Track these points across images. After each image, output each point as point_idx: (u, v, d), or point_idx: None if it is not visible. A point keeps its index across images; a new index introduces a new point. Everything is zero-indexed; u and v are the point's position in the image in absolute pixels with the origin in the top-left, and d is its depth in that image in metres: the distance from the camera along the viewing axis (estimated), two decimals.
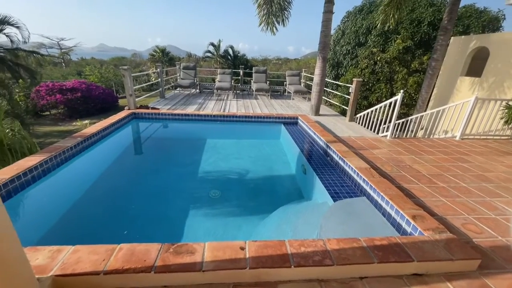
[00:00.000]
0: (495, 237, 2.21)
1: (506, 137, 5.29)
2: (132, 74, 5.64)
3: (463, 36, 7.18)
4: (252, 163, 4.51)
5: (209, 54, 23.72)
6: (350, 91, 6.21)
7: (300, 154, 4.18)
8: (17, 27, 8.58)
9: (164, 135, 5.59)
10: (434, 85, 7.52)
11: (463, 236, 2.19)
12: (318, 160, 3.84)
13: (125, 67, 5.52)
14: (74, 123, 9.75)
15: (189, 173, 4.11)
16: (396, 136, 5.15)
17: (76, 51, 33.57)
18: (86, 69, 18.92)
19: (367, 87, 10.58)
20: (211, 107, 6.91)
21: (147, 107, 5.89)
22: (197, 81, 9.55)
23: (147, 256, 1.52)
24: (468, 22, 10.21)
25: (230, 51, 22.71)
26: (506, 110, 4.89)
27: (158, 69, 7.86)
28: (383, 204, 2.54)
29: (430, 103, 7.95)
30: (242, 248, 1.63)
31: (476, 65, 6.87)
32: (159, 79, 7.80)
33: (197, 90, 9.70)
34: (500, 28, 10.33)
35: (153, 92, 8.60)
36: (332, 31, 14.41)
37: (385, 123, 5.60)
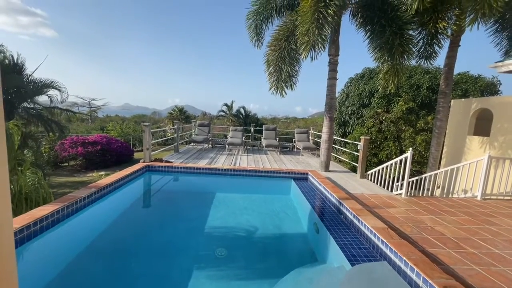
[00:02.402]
0: None
1: None
2: (151, 130, 6.09)
3: (463, 99, 7.58)
4: (261, 220, 4.32)
5: (222, 113, 25.65)
6: (359, 148, 6.32)
7: (312, 211, 4.01)
8: (59, 90, 9.89)
9: (175, 188, 5.62)
10: (443, 143, 7.57)
11: None
12: (331, 218, 3.66)
13: (146, 123, 6.02)
14: (89, 175, 10.05)
15: (196, 229, 3.95)
16: (412, 194, 4.95)
17: (104, 109, 37.30)
18: (109, 125, 20.59)
19: (375, 144, 10.74)
20: (222, 161, 7.08)
21: (161, 160, 6.12)
22: (210, 137, 10.08)
23: None
24: (465, 87, 10.94)
25: (242, 111, 24.51)
26: None
27: (176, 126, 8.47)
28: (407, 271, 2.28)
29: (442, 161, 7.84)
30: None
31: (482, 125, 7.02)
32: (175, 135, 8.32)
33: (210, 145, 10.13)
34: (499, 92, 10.92)
35: (168, 147, 9.04)
36: (337, 94, 15.60)
37: (397, 181, 5.47)
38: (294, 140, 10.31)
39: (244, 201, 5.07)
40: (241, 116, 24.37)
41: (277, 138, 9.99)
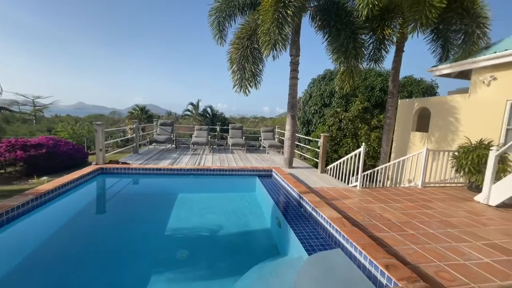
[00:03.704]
0: (467, 284, 2.18)
1: (461, 184, 5.76)
2: (107, 130, 5.63)
3: (407, 100, 8.48)
4: (226, 218, 4.29)
5: (188, 113, 24.86)
6: (319, 145, 6.66)
7: (275, 207, 4.11)
8: None
9: (133, 191, 5.26)
10: (392, 139, 8.39)
11: (437, 285, 2.14)
12: (292, 212, 3.79)
13: (99, 122, 5.53)
14: (30, 181, 8.88)
15: (156, 232, 3.76)
16: (366, 186, 5.37)
17: (52, 108, 33.25)
18: (58, 126, 18.49)
19: (336, 141, 11.44)
20: (185, 161, 6.84)
21: (117, 162, 5.68)
22: (173, 137, 9.67)
23: None
24: (411, 89, 12.27)
25: (209, 110, 24.03)
26: (454, 160, 5.48)
27: (135, 125, 7.94)
28: (357, 255, 2.47)
29: (392, 155, 8.68)
30: None
31: (424, 123, 7.94)
32: (134, 135, 7.80)
33: (173, 145, 9.73)
34: (436, 93, 12.48)
35: (126, 147, 8.42)
36: (301, 94, 16.26)
37: (353, 175, 5.89)
38: (261, 139, 10.45)
39: (208, 200, 4.97)
40: (208, 115, 23.88)
41: (244, 137, 10.01)
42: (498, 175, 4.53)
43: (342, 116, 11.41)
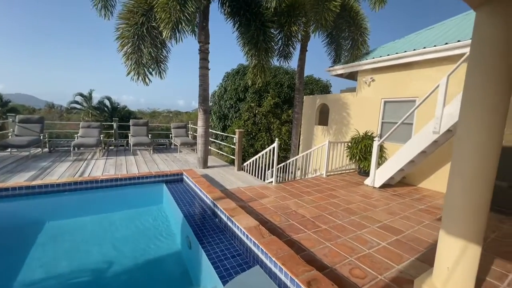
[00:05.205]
0: (376, 277, 2.23)
1: (353, 170, 6.75)
2: None
3: (311, 96, 9.36)
4: (119, 248, 3.25)
5: (76, 106, 19.83)
6: (234, 141, 6.31)
7: (184, 221, 3.40)
8: None
9: None
10: (300, 132, 9.10)
11: (353, 287, 2.08)
12: (206, 225, 3.20)
13: None
14: None
15: None
16: (280, 179, 5.41)
17: None
18: None
19: (252, 136, 11.58)
20: (60, 172, 5.03)
21: None
22: (44, 138, 7.14)
23: None
24: (312, 87, 13.82)
25: (107, 103, 19.95)
26: (348, 150, 6.30)
27: None
28: (277, 272, 2.16)
29: (300, 147, 9.44)
30: None
31: (325, 117, 8.95)
32: None
33: (45, 150, 7.21)
34: (330, 91, 14.63)
35: None
36: (216, 88, 15.66)
37: (268, 169, 5.88)
38: (172, 136, 9.25)
39: (92, 226, 3.70)
40: (106, 109, 19.78)
41: (150, 135, 8.55)
42: (377, 160, 5.43)
43: (256, 111, 11.62)
